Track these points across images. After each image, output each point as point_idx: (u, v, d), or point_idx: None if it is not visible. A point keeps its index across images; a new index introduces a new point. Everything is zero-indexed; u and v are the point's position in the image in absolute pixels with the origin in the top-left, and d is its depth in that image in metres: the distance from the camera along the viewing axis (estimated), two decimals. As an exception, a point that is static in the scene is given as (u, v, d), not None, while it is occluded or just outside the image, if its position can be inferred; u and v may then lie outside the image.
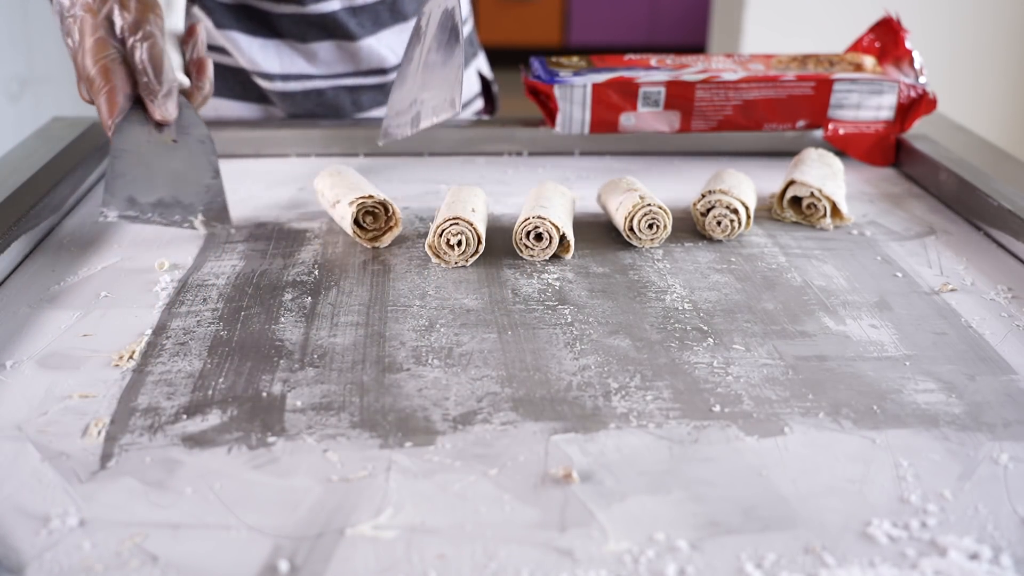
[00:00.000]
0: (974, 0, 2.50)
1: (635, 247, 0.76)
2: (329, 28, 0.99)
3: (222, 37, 0.99)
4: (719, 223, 0.77)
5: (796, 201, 0.83)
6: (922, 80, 0.97)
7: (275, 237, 0.78)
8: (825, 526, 0.45)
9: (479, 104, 1.16)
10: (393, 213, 0.75)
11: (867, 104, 0.96)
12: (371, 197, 0.74)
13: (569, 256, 0.74)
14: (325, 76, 1.02)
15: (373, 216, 0.75)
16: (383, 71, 1.04)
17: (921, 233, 0.81)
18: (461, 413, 0.53)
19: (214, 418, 0.53)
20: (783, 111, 0.97)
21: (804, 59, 0.99)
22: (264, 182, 0.91)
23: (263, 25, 0.99)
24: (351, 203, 0.74)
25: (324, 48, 1.01)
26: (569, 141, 1.00)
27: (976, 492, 0.47)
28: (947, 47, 2.52)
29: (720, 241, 0.78)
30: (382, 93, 1.05)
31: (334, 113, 1.04)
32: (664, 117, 0.96)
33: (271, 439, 0.51)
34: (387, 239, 0.75)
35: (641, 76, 0.94)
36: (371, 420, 0.53)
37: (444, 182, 0.92)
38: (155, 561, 0.42)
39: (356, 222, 0.74)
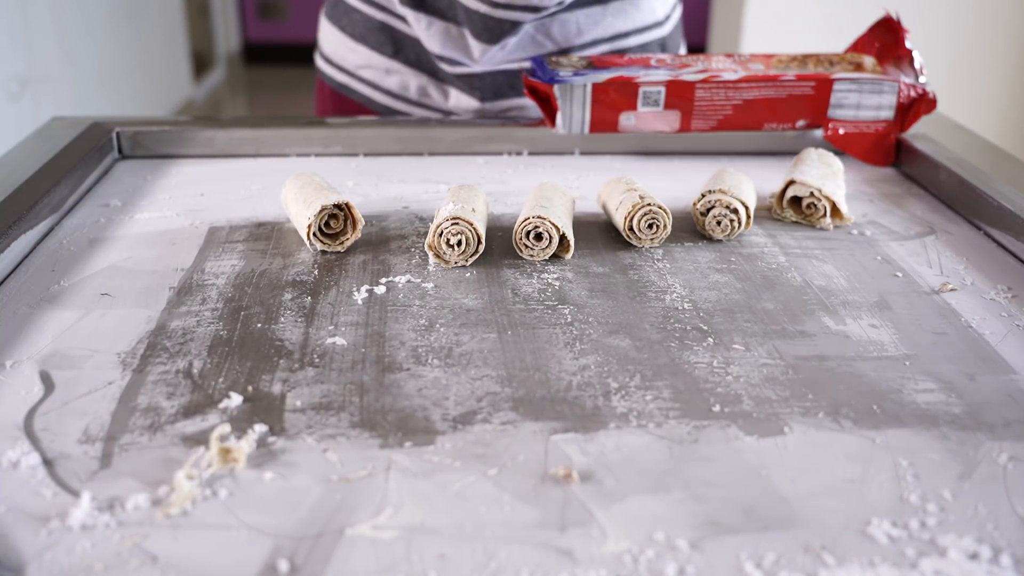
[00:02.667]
0: (974, 0, 2.50)
1: (635, 247, 0.76)
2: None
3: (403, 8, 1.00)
4: (719, 223, 0.77)
5: (796, 201, 0.83)
6: (922, 80, 0.97)
7: (275, 237, 0.78)
8: (825, 526, 0.45)
9: None
10: (350, 213, 0.74)
11: (867, 104, 0.96)
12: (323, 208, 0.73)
13: (569, 256, 0.74)
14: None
15: (334, 219, 0.74)
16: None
17: (921, 233, 0.81)
18: (461, 413, 0.53)
19: (214, 418, 0.53)
20: (783, 111, 0.97)
21: (804, 59, 0.99)
22: (264, 182, 0.91)
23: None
24: (308, 225, 0.73)
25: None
26: (569, 141, 1.00)
27: (976, 492, 0.47)
28: (947, 47, 2.52)
29: (720, 241, 0.78)
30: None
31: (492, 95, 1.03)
32: (664, 117, 0.96)
33: (271, 439, 0.51)
34: (350, 235, 0.75)
35: (641, 76, 0.94)
36: (371, 420, 0.53)
37: (444, 182, 0.92)
38: (155, 561, 0.42)
39: (321, 231, 0.74)
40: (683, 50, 1.16)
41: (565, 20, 1.02)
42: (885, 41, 1.00)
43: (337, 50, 1.10)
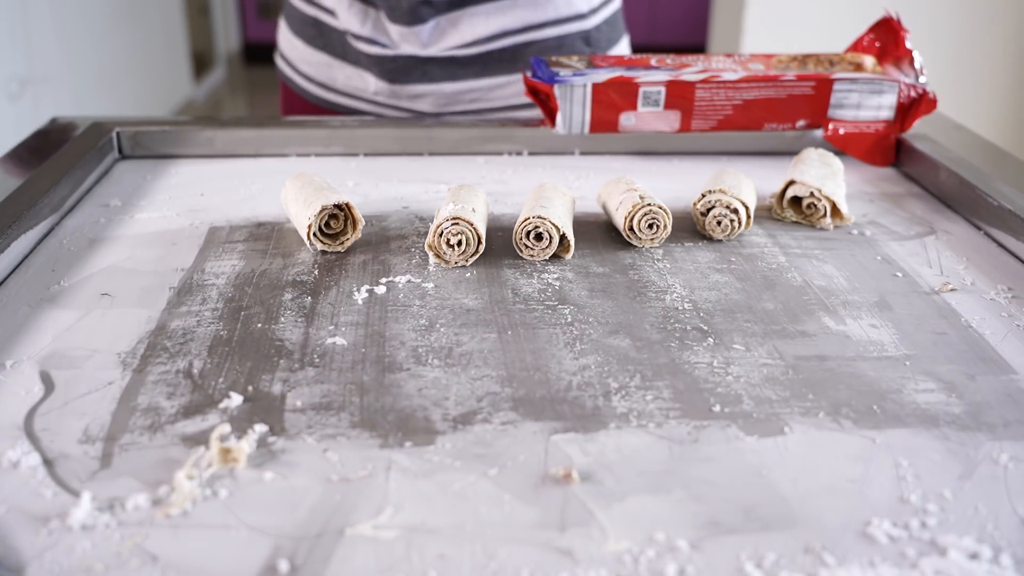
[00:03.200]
0: (974, 0, 2.50)
1: (635, 247, 0.76)
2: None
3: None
4: (719, 223, 0.77)
5: (796, 201, 0.83)
6: (922, 80, 0.97)
7: (275, 237, 0.78)
8: (825, 526, 0.45)
9: None
10: (350, 214, 0.74)
11: (867, 104, 0.96)
12: (324, 209, 0.73)
13: (569, 256, 0.74)
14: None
15: (334, 219, 0.74)
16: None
17: (921, 233, 0.81)
18: (461, 413, 0.53)
19: (214, 418, 0.53)
20: (783, 111, 0.97)
21: (804, 59, 0.99)
22: (264, 182, 0.91)
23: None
24: (308, 225, 0.73)
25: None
26: (569, 141, 1.00)
27: (976, 492, 0.47)
28: (947, 47, 2.52)
29: (720, 241, 0.78)
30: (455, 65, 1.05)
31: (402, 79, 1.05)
32: (664, 117, 0.96)
33: (271, 439, 0.51)
34: (350, 235, 0.75)
35: (641, 76, 0.94)
36: (371, 420, 0.53)
37: (444, 182, 0.92)
38: (155, 561, 0.42)
39: (321, 231, 0.74)
40: (622, 46, 1.15)
41: (474, 11, 1.03)
42: (885, 41, 1.00)
43: (285, 46, 1.15)
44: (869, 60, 0.99)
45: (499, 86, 1.06)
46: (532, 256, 0.73)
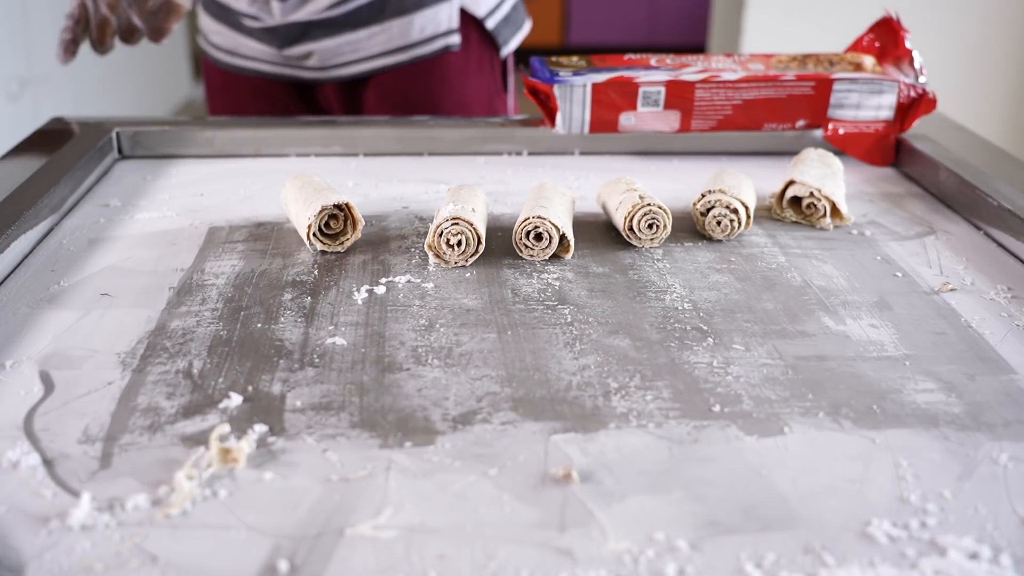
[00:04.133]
0: (974, 0, 2.50)
1: (635, 247, 0.76)
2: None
3: None
4: (719, 223, 0.77)
5: (796, 201, 0.83)
6: (922, 80, 0.97)
7: (275, 237, 0.78)
8: (825, 526, 0.45)
9: (451, 40, 1.16)
10: (350, 214, 0.74)
11: (867, 104, 0.96)
12: (324, 209, 0.73)
13: (569, 256, 0.74)
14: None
15: (334, 219, 0.74)
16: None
17: (921, 233, 0.81)
18: (461, 413, 0.53)
19: (214, 418, 0.53)
20: (783, 111, 0.97)
21: (804, 59, 0.99)
22: (264, 182, 0.91)
23: None
24: (308, 226, 0.73)
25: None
26: (569, 141, 1.00)
27: (976, 492, 0.47)
28: (947, 47, 2.52)
29: (720, 241, 0.78)
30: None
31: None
32: (664, 117, 0.96)
33: (271, 439, 0.51)
34: (350, 236, 0.75)
35: (641, 76, 0.94)
36: (371, 420, 0.53)
37: (444, 182, 0.92)
38: (155, 561, 0.42)
39: (321, 231, 0.74)
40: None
41: None
42: (885, 41, 1.00)
43: (202, 20, 1.24)
44: (869, 60, 0.99)
45: (373, 35, 1.14)
46: (532, 256, 0.73)
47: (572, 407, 0.54)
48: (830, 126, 0.97)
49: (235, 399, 0.54)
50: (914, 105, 0.96)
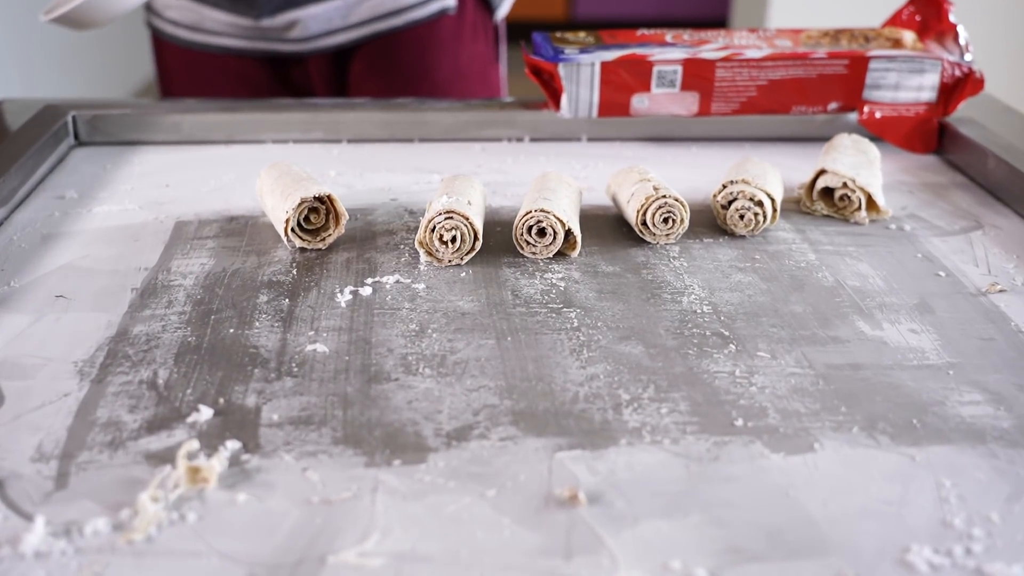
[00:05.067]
0: (1026, -32, 2.50)
1: (648, 243, 0.77)
2: None
3: None
4: (742, 216, 0.78)
5: (827, 192, 0.83)
6: (967, 57, 0.97)
7: (249, 232, 0.78)
8: (859, 552, 0.45)
9: (447, 1, 1.18)
10: (332, 207, 0.75)
11: (906, 84, 0.96)
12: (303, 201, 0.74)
13: (575, 253, 0.74)
14: None
15: (314, 213, 0.75)
16: None
17: (966, 228, 0.81)
18: (455, 428, 0.54)
19: (181, 434, 0.53)
20: (813, 92, 0.97)
21: (836, 34, 0.99)
22: (237, 171, 0.91)
23: None
24: (286, 220, 0.73)
25: None
26: (575, 126, 1.00)
27: (1027, 515, 0.48)
28: (996, 20, 2.52)
29: (743, 236, 0.78)
30: None
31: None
32: (681, 99, 0.96)
33: (244, 457, 0.51)
34: (332, 231, 0.75)
35: (655, 53, 0.94)
36: (355, 436, 0.53)
37: (437, 171, 0.92)
38: (116, 592, 0.42)
39: (300, 226, 0.74)
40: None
41: None
42: (926, 14, 1.01)
43: None
44: (909, 36, 0.99)
45: (360, 1, 1.15)
46: (534, 254, 0.74)
47: (579, 421, 0.54)
48: (866, 109, 0.98)
49: (205, 412, 0.55)
50: (959, 85, 0.97)
